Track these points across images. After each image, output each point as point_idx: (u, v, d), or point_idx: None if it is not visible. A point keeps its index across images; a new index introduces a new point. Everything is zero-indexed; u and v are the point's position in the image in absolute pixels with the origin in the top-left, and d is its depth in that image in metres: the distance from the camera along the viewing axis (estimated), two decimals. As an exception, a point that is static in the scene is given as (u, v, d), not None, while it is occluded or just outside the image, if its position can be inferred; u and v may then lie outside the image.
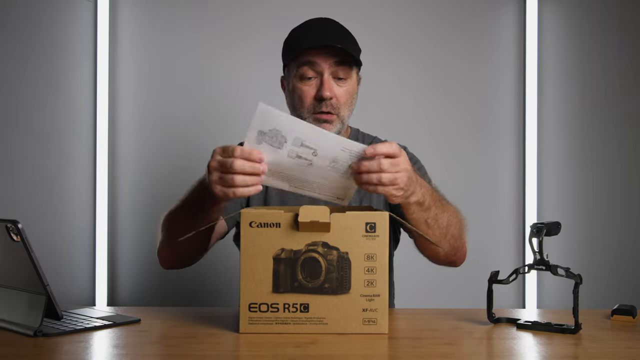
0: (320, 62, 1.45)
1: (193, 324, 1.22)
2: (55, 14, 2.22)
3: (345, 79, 1.48)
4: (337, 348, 1.05)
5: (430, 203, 1.30)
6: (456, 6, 2.30)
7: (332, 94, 1.45)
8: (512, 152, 2.30)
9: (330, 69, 1.46)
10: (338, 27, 1.53)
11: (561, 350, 1.06)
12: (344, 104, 1.48)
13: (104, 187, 2.19)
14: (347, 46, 1.46)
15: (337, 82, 1.47)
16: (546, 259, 1.19)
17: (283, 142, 1.13)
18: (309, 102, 1.47)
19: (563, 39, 2.30)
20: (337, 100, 1.47)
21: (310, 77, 1.47)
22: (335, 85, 1.47)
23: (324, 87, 1.45)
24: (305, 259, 1.12)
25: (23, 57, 2.21)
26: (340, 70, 1.47)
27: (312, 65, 1.46)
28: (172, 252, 1.44)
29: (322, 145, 1.14)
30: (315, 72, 1.46)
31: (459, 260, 1.50)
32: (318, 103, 1.46)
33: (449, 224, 1.37)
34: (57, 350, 1.03)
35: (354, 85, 1.51)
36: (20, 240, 1.09)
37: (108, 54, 2.20)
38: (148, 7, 2.24)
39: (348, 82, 1.49)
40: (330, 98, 1.45)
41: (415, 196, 1.25)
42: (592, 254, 2.29)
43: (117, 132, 2.23)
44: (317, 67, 1.46)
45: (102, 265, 2.18)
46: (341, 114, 1.48)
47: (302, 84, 1.48)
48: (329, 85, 1.46)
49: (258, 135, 1.13)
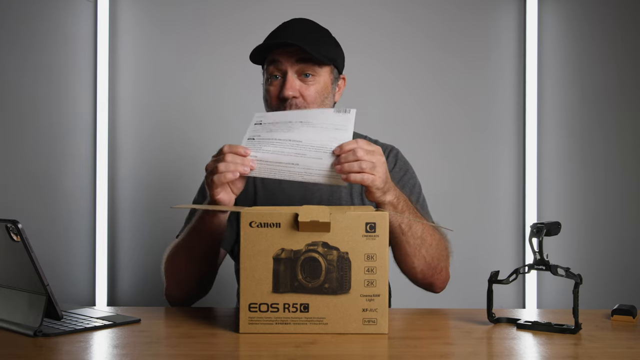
0: (283, 60, 1.43)
1: (193, 324, 1.22)
2: (55, 14, 2.22)
3: (313, 76, 1.44)
4: (337, 348, 1.05)
5: (404, 207, 1.31)
6: (456, 6, 2.30)
7: (295, 93, 1.42)
8: (512, 152, 2.30)
9: (294, 67, 1.43)
10: (308, 26, 1.49)
11: (561, 350, 1.06)
12: (312, 102, 1.44)
13: (104, 187, 2.19)
14: (310, 44, 1.41)
15: (305, 79, 1.44)
16: (546, 259, 1.19)
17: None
18: (274, 102, 1.45)
19: (563, 39, 2.30)
20: (302, 99, 1.43)
21: (277, 76, 1.45)
22: (301, 83, 1.44)
23: (285, 86, 1.42)
24: (305, 259, 1.12)
25: (23, 57, 2.21)
26: (306, 67, 1.43)
27: (276, 64, 1.44)
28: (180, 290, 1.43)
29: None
30: (280, 71, 1.44)
31: (437, 283, 1.44)
32: (282, 103, 1.43)
33: (423, 236, 1.36)
34: (57, 350, 1.03)
35: (325, 83, 1.47)
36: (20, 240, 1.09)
37: (108, 53, 2.20)
38: (148, 7, 2.24)
39: (316, 80, 1.45)
40: (294, 97, 1.42)
41: (390, 195, 1.28)
42: (592, 254, 2.29)
43: (117, 132, 2.23)
44: (280, 65, 1.44)
45: (102, 265, 2.18)
46: None
47: (269, 85, 1.46)
48: (291, 84, 1.42)
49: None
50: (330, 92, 1.50)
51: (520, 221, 2.30)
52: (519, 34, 2.30)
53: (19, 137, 2.22)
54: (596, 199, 2.30)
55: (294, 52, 1.42)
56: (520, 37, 2.30)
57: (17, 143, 2.22)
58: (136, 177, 2.24)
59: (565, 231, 1.34)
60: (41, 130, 2.22)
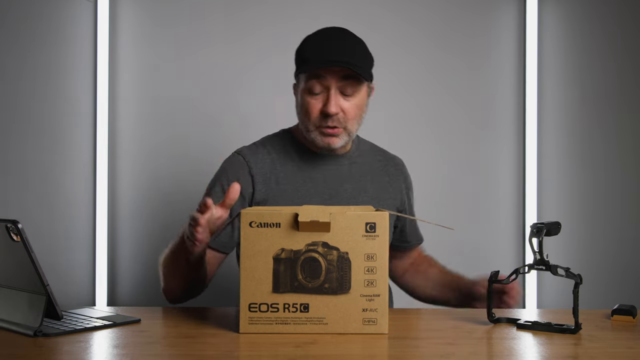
0: (328, 77, 1.44)
1: (193, 324, 1.22)
2: (55, 14, 2.21)
3: (354, 92, 1.46)
4: (337, 348, 1.05)
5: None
6: (456, 6, 2.30)
7: (337, 110, 1.44)
8: (512, 152, 2.30)
9: (338, 84, 1.44)
10: (349, 40, 1.50)
11: (561, 350, 1.06)
12: (352, 118, 1.47)
13: (104, 187, 2.19)
14: (357, 62, 1.44)
15: (346, 96, 1.46)
16: (546, 259, 1.19)
17: None
18: (315, 115, 1.46)
19: (563, 39, 2.30)
20: (344, 115, 1.46)
21: (317, 92, 1.45)
22: (342, 99, 1.45)
23: (329, 103, 1.43)
24: (305, 259, 1.12)
25: (23, 57, 2.21)
26: (348, 86, 1.45)
27: (320, 79, 1.44)
28: (174, 294, 1.47)
29: None
30: (323, 86, 1.45)
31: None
32: (324, 118, 1.45)
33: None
34: (57, 350, 1.03)
35: (363, 98, 1.49)
36: (20, 240, 1.09)
37: (108, 53, 2.20)
38: (148, 7, 2.24)
39: (356, 97, 1.47)
40: (336, 114, 1.44)
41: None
42: (592, 254, 2.29)
43: (117, 132, 2.23)
44: (324, 81, 1.44)
45: (102, 265, 2.18)
46: (348, 127, 1.47)
47: (310, 97, 1.46)
48: (335, 101, 1.44)
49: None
50: (366, 104, 1.52)
51: (520, 221, 2.30)
52: (519, 33, 2.30)
53: (19, 137, 2.21)
54: (596, 199, 2.30)
55: (340, 70, 1.44)
56: (520, 37, 2.29)
57: (17, 143, 2.21)
58: (136, 177, 2.24)
59: (565, 231, 1.34)
60: (41, 129, 2.21)
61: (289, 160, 1.54)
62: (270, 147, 1.57)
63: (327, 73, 1.44)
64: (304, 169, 1.54)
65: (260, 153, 1.55)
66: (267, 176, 1.52)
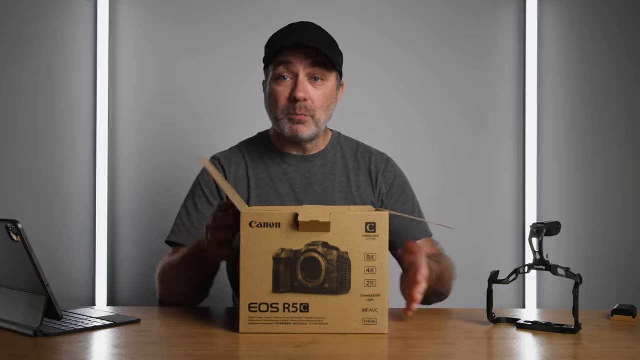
0: (296, 62, 1.44)
1: (193, 324, 1.22)
2: (55, 15, 2.21)
3: (323, 80, 1.46)
4: (337, 348, 1.05)
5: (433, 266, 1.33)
6: (456, 6, 2.30)
7: (306, 96, 1.44)
8: (512, 152, 2.30)
9: (306, 69, 1.45)
10: (317, 30, 1.51)
11: (561, 350, 1.06)
12: (320, 106, 1.46)
13: (104, 187, 2.19)
14: (324, 47, 1.44)
15: (314, 83, 1.46)
16: (546, 259, 1.19)
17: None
18: (283, 102, 1.46)
19: (563, 39, 2.30)
20: (312, 102, 1.45)
21: (286, 77, 1.45)
22: (310, 87, 1.45)
23: (297, 87, 1.43)
24: (305, 259, 1.12)
25: (23, 57, 2.21)
26: (317, 72, 1.45)
27: (288, 65, 1.45)
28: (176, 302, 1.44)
29: None
30: (291, 72, 1.45)
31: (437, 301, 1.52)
32: (292, 104, 1.45)
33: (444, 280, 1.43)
34: (57, 350, 1.03)
35: (332, 89, 1.49)
36: (20, 240, 1.09)
37: (108, 54, 2.20)
38: (148, 7, 2.24)
39: (325, 85, 1.47)
40: (304, 99, 1.44)
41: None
42: (592, 254, 2.29)
43: (117, 132, 2.23)
44: (292, 67, 1.44)
45: (102, 265, 2.18)
46: (316, 116, 1.47)
47: (277, 85, 1.47)
48: (303, 86, 1.44)
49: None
50: (335, 97, 1.52)
51: (520, 221, 2.30)
52: (519, 33, 2.30)
53: (19, 136, 2.21)
54: (596, 199, 2.30)
55: (307, 55, 1.44)
56: (520, 37, 2.29)
57: (17, 143, 2.21)
58: (136, 177, 2.24)
59: (565, 231, 1.34)
60: (41, 129, 2.21)
61: (260, 164, 1.56)
62: (245, 151, 1.59)
63: (294, 59, 1.44)
64: (274, 172, 1.54)
65: (235, 158, 1.57)
66: (241, 181, 1.54)
